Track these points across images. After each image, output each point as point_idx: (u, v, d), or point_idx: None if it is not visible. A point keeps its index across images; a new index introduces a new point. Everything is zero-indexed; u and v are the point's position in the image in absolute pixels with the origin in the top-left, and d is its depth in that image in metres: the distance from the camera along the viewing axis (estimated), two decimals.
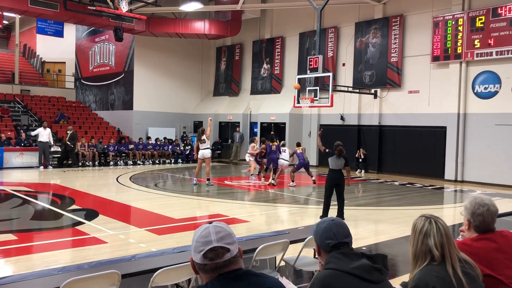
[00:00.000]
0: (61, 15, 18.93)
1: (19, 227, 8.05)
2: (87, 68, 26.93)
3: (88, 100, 26.77)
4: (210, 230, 1.61)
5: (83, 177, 15.99)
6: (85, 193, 12.04)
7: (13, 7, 18.28)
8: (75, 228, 7.90)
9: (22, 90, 25.21)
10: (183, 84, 24.82)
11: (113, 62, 24.71)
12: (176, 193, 12.46)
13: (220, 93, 25.06)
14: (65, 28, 26.03)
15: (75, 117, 23.41)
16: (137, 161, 20.22)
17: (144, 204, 10.37)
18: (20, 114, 22.59)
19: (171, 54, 23.95)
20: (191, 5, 18.73)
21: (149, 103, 23.43)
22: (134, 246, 6.74)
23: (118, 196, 11.66)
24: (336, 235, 2.06)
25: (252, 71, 23.44)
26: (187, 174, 17.40)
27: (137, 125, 23.00)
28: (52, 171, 16.88)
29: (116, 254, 6.13)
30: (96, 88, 26.22)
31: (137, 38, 22.70)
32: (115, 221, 8.47)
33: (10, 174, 15.60)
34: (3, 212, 9.26)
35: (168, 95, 24.05)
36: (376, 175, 17.75)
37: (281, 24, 22.09)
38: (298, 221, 9.13)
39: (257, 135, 22.35)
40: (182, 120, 24.76)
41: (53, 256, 6.23)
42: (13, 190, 11.88)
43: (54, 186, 13.51)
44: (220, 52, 25.11)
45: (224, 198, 11.75)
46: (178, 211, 9.65)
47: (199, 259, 1.58)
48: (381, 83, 18.13)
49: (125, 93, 23.93)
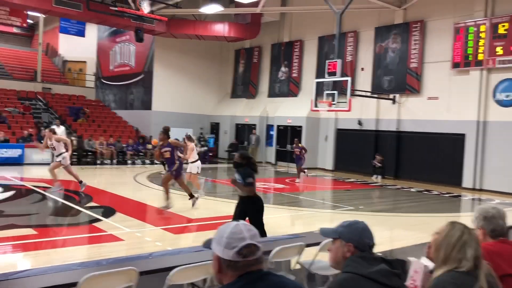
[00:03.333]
0: (83, 15, 19.24)
1: (38, 222, 8.21)
2: (107, 68, 27.31)
3: (108, 99, 27.13)
4: (242, 228, 1.62)
5: (101, 175, 16.23)
6: (103, 191, 12.21)
7: (37, 7, 18.65)
8: (92, 225, 8.03)
9: (43, 88, 25.67)
10: (201, 86, 24.98)
11: (133, 62, 25.01)
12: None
13: (237, 95, 25.16)
14: (87, 28, 26.44)
15: (94, 115, 23.74)
16: (154, 161, 20.40)
17: (161, 203, 10.46)
18: (41, 111, 23.00)
19: (190, 56, 24.13)
20: (211, 7, 18.86)
21: (168, 103, 23.64)
22: (150, 244, 6.82)
23: (135, 195, 11.80)
24: (371, 236, 2.12)
25: (270, 74, 23.48)
26: (204, 174, 17.49)
27: (155, 125, 23.19)
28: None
29: (133, 252, 6.21)
30: (115, 88, 26.56)
31: (157, 39, 22.93)
32: (131, 219, 8.57)
33: (30, 170, 15.90)
34: (24, 207, 9.45)
35: (186, 96, 24.23)
36: (392, 181, 17.61)
37: (300, 28, 22.09)
38: (312, 225, 9.12)
39: (273, 138, 22.39)
40: (199, 121, 24.92)
41: (70, 252, 6.35)
42: (33, 185, 12.11)
43: (73, 183, 13.71)
44: (238, 54, 25.21)
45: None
46: (194, 211, 9.72)
47: (231, 255, 1.58)
48: (400, 88, 17.99)
49: (144, 93, 24.19)
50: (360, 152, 19.15)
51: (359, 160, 19.09)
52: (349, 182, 16.76)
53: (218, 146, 24.95)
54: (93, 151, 18.99)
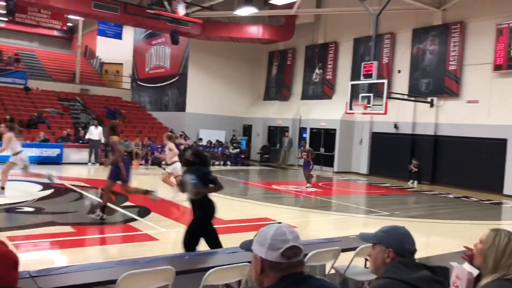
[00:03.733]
0: (121, 18, 19.69)
1: (76, 220, 8.40)
2: (143, 70, 27.83)
3: (143, 100, 27.63)
4: (285, 230, 1.61)
5: (135, 175, 16.48)
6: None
7: (77, 10, 19.21)
8: (128, 224, 8.15)
9: (82, 89, 26.39)
10: (234, 88, 25.11)
11: (168, 64, 25.40)
12: (223, 194, 12.57)
13: (270, 97, 25.14)
14: (123, 31, 27.05)
15: (130, 116, 24.21)
16: None
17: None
18: (79, 112, 23.64)
19: (223, 58, 24.30)
20: (246, 9, 18.93)
21: (201, 105, 23.87)
22: None
23: (170, 195, 11.91)
24: (413, 242, 2.06)
25: (303, 76, 23.36)
26: (236, 175, 17.55)
27: (189, 127, 23.48)
28: (104, 168, 17.51)
29: (167, 252, 6.26)
30: (151, 89, 27.03)
31: (192, 42, 23.21)
32: (166, 219, 8.67)
33: (68, 169, 16.34)
34: (62, 205, 9.71)
35: (219, 98, 24.40)
36: (429, 186, 17.16)
37: (335, 29, 21.89)
38: (344, 229, 8.97)
39: (306, 141, 22.24)
40: (232, 123, 25.03)
41: (106, 250, 6.47)
42: (71, 184, 12.42)
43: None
44: (272, 56, 25.20)
45: (271, 203, 11.75)
46: (227, 213, 9.72)
47: (275, 257, 1.57)
48: (438, 91, 17.53)
49: (178, 95, 24.52)
50: (395, 156, 18.76)
51: (395, 165, 18.71)
52: (384, 187, 16.44)
53: (250, 148, 25.00)
54: (129, 152, 19.33)
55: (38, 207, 9.04)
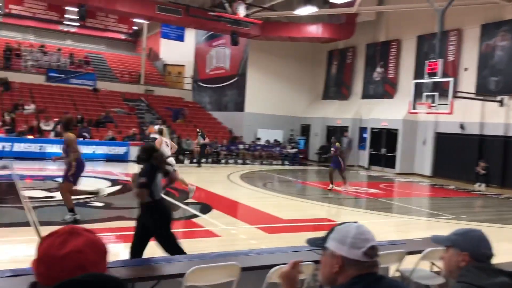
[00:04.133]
0: (183, 21, 20.28)
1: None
2: (204, 71, 28.50)
3: (204, 101, 28.29)
4: (365, 229, 1.64)
5: (197, 173, 16.93)
6: (199, 188, 12.72)
7: (142, 14, 20.02)
8: (191, 220, 8.41)
9: (146, 90, 27.44)
10: (292, 87, 25.09)
11: (228, 65, 25.83)
12: (282, 194, 12.64)
13: (329, 97, 24.88)
14: (185, 33, 27.81)
15: (191, 116, 24.87)
16: (246, 161, 20.89)
17: (254, 202, 10.68)
18: (144, 112, 24.61)
19: (282, 58, 24.35)
20: (306, 9, 18.85)
21: (260, 105, 24.07)
22: (245, 242, 6.98)
23: (230, 193, 12.16)
24: (490, 246, 1.98)
25: (364, 74, 22.91)
26: (294, 175, 17.55)
27: (247, 126, 23.75)
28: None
29: (229, 248, 6.39)
30: (211, 90, 27.62)
31: (251, 42, 23.46)
32: (227, 216, 8.85)
33: (134, 167, 17.03)
34: (129, 201, 10.14)
35: (278, 98, 24.48)
36: (498, 190, 16.27)
37: (397, 27, 21.28)
38: (407, 232, 8.72)
39: (366, 141, 21.82)
40: (290, 123, 25.04)
41: None
42: None
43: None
44: (331, 55, 24.93)
45: (330, 203, 11.65)
46: (286, 212, 9.78)
47: (358, 255, 1.58)
48: (509, 90, 16.57)
49: (237, 95, 24.87)
50: (461, 157, 17.95)
51: (461, 167, 17.91)
52: (449, 189, 15.79)
53: (308, 148, 24.87)
54: (190, 150, 19.89)
55: (107, 202, 9.53)
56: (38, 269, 1.15)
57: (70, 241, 1.16)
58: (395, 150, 20.22)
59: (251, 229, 7.93)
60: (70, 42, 34.32)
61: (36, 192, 10.10)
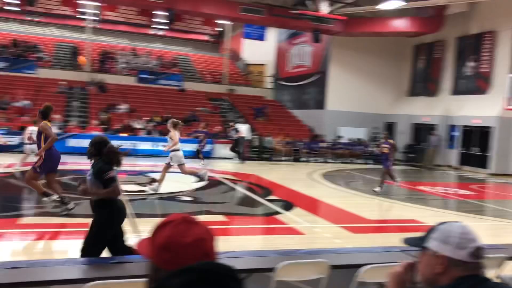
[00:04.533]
0: (265, 20, 20.52)
1: (228, 210, 9.03)
2: (284, 69, 28.64)
3: (285, 99, 28.42)
4: (469, 229, 1.59)
5: (277, 171, 17.09)
6: (281, 185, 12.84)
7: (226, 15, 20.58)
8: (273, 217, 8.51)
9: (229, 89, 28.13)
10: (376, 84, 24.39)
11: (309, 62, 25.72)
12: (366, 193, 12.34)
13: (415, 93, 23.83)
14: (267, 32, 28.08)
15: (272, 114, 25.11)
16: (327, 159, 20.68)
17: (336, 201, 10.56)
18: (227, 110, 25.26)
19: (365, 54, 23.75)
20: (392, 3, 18.22)
21: (341, 102, 23.69)
22: (329, 240, 6.93)
23: (311, 191, 12.11)
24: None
25: (453, 69, 21.65)
26: (377, 175, 17.05)
27: (328, 124, 23.49)
28: (250, 163, 18.45)
29: (312, 246, 6.39)
30: (292, 88, 27.68)
31: (333, 39, 23.14)
32: (310, 214, 8.84)
33: (218, 163, 17.60)
34: (216, 196, 10.52)
35: (360, 95, 23.93)
36: None
37: (492, 18, 19.83)
38: (501, 237, 8.13)
39: (455, 139, 20.62)
40: (373, 121, 24.35)
41: (257, 240, 6.84)
42: (222, 177, 13.38)
43: (254, 176, 14.76)
44: (418, 49, 23.84)
45: (418, 204, 11.17)
46: (370, 212, 9.56)
47: (463, 256, 1.54)
48: None
49: (318, 93, 24.68)
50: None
51: None
52: None
53: None
54: (272, 148, 20.10)
55: (195, 196, 9.95)
56: (162, 256, 1.21)
57: (192, 229, 1.22)
58: (489, 149, 18.89)
59: (335, 228, 7.85)
60: (158, 45, 36.15)
61: (130, 186, 10.79)
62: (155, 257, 1.23)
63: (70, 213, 7.40)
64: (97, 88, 23.21)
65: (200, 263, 1.15)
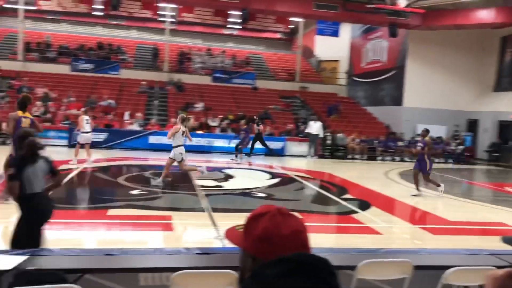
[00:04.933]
0: (340, 16, 20.19)
1: (303, 208, 9.02)
2: (359, 65, 28.00)
3: (359, 96, 27.82)
4: None
5: (352, 169, 16.80)
6: (356, 184, 12.60)
7: (299, 12, 20.52)
8: (350, 216, 8.38)
9: (301, 87, 28.04)
10: (457, 79, 23.12)
11: (385, 58, 24.95)
12: (447, 193, 11.76)
13: (502, 88, 22.27)
14: (340, 28, 27.64)
15: (345, 112, 24.68)
16: (404, 158, 19.97)
17: (414, 201, 10.18)
18: (299, 108, 25.20)
19: (445, 47, 22.59)
20: None
21: (419, 99, 22.74)
22: (409, 241, 6.71)
23: (388, 190, 11.77)
24: None
25: None
26: (459, 175, 16.21)
27: (406, 122, 22.66)
28: (323, 161, 18.28)
29: (392, 246, 6.22)
30: (366, 84, 27.01)
31: (410, 33, 22.25)
32: (387, 214, 8.60)
33: (289, 161, 17.64)
34: (289, 193, 10.56)
35: (439, 91, 22.82)
36: None
37: None
38: None
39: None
40: (454, 118, 23.12)
41: (334, 238, 6.78)
42: (294, 175, 13.39)
43: (327, 174, 14.62)
44: (505, 41, 22.25)
45: (505, 206, 10.46)
46: (452, 213, 9.11)
47: None
48: None
49: (395, 89, 23.88)
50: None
51: None
52: None
53: (476, 146, 22.67)
54: (345, 146, 19.78)
55: (268, 193, 10.06)
56: (260, 247, 1.23)
57: (288, 221, 1.24)
58: None
59: (414, 229, 7.59)
60: (232, 44, 36.89)
61: (207, 181, 11.14)
62: (252, 247, 1.25)
63: (151, 205, 7.79)
64: (175, 88, 24.15)
65: (297, 254, 1.16)
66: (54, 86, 22.12)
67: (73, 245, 5.16)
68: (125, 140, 17.64)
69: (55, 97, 20.68)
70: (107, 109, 20.18)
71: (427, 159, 10.50)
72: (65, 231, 6.27)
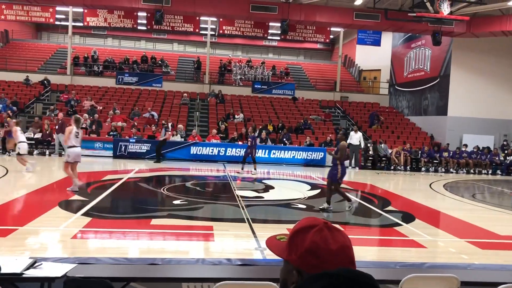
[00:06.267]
0: (381, 25, 19.95)
1: (343, 220, 8.90)
2: (401, 74, 27.47)
3: (401, 105, 27.26)
4: None
5: (395, 180, 16.42)
6: (399, 196, 12.32)
7: (340, 22, 20.43)
8: (393, 228, 8.18)
9: (341, 97, 27.82)
10: (505, 87, 22.27)
11: (428, 67, 24.38)
12: (495, 206, 11.32)
13: None
14: (381, 37, 27.26)
15: (388, 122, 24.25)
16: (449, 169, 19.35)
17: (461, 214, 9.82)
18: (340, 118, 24.97)
19: (491, 55, 21.85)
20: None
21: (465, 108, 22.04)
22: (455, 255, 6.46)
23: (433, 203, 11.43)
24: None
25: None
26: (509, 187, 15.53)
27: (450, 131, 22.00)
28: (365, 172, 17.98)
29: (437, 261, 6.03)
30: (409, 94, 26.45)
31: (455, 41, 21.70)
32: (432, 227, 8.34)
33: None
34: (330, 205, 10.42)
35: (486, 100, 22.05)
36: None
37: None
38: None
39: None
40: (503, 127, 22.25)
41: (375, 251, 6.64)
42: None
43: (369, 186, 14.36)
44: None
45: None
46: (502, 227, 8.71)
47: None
48: None
49: (439, 98, 23.26)
50: None
51: None
52: None
53: None
54: (388, 157, 19.38)
55: (309, 204, 9.98)
56: (308, 260, 1.22)
57: (337, 235, 1.24)
58: None
59: (460, 243, 7.31)
60: (271, 55, 37.13)
61: (247, 192, 11.18)
62: (299, 260, 1.24)
63: (192, 215, 7.89)
64: (216, 99, 24.50)
65: (342, 269, 1.16)
66: (100, 99, 22.96)
67: (118, 253, 5.31)
68: (168, 151, 18.00)
69: (101, 109, 21.43)
70: (149, 121, 20.70)
71: (339, 166, 9.31)
72: (111, 240, 6.46)
